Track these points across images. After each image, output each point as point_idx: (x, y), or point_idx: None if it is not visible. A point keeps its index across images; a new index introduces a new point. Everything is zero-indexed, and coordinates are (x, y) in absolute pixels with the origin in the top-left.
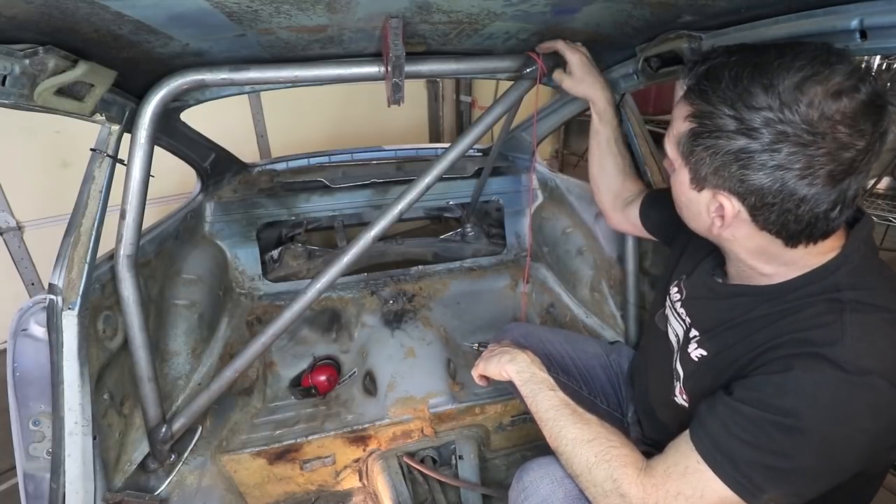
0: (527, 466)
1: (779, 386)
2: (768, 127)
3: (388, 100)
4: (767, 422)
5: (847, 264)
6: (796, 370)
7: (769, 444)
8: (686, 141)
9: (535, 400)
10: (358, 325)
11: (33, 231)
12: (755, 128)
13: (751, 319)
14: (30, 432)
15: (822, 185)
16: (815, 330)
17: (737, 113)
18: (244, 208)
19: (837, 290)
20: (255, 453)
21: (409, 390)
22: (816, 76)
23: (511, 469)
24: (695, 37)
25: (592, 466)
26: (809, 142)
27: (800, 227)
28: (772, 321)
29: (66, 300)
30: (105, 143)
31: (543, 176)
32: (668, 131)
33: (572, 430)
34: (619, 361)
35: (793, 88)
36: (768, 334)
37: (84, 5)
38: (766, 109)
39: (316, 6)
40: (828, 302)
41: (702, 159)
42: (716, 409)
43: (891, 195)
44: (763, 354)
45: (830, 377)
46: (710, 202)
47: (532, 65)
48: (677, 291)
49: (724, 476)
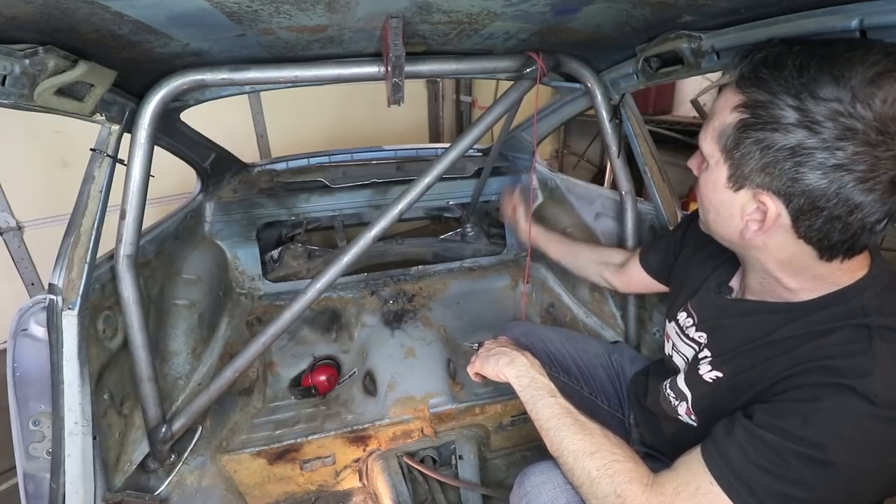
0: (528, 471)
1: (805, 416)
2: (834, 121)
3: (388, 100)
4: (790, 451)
5: (875, 285)
6: (824, 401)
7: (790, 474)
8: (733, 133)
9: (535, 407)
10: (358, 325)
11: (33, 231)
12: (818, 121)
13: (773, 342)
14: (30, 432)
15: (882, 192)
16: (844, 358)
17: (800, 103)
18: (244, 208)
19: (865, 315)
20: (255, 453)
21: (409, 390)
22: (893, 72)
23: (511, 469)
24: (695, 37)
25: (595, 480)
26: (878, 142)
27: (843, 238)
28: (796, 345)
29: (66, 300)
30: (105, 143)
31: (543, 176)
32: (705, 125)
33: (574, 441)
34: (621, 361)
35: (867, 83)
36: (792, 359)
37: (84, 5)
38: (836, 101)
39: (316, 6)
40: (856, 328)
41: (749, 154)
42: (734, 432)
43: None
44: (787, 380)
45: (860, 410)
46: (748, 204)
47: (532, 65)
48: (688, 317)
49: (738, 501)
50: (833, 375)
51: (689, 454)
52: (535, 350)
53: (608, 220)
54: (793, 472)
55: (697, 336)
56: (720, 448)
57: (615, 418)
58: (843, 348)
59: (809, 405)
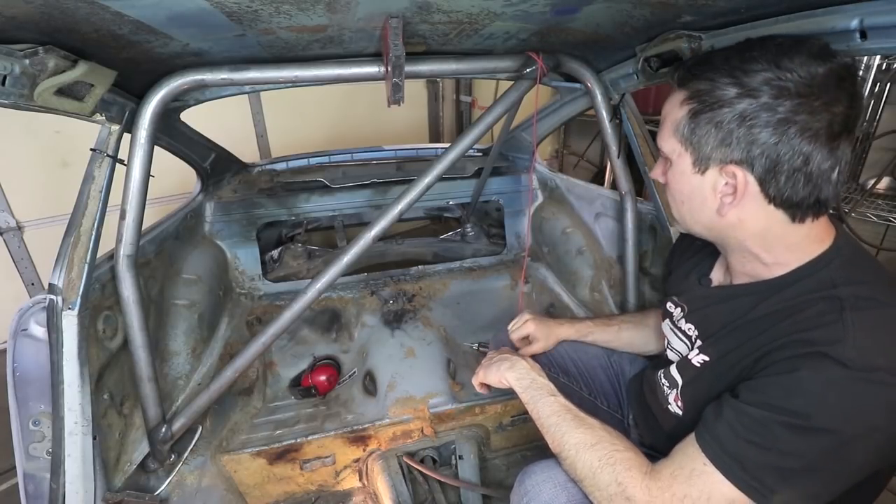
0: (529, 470)
1: (786, 388)
2: (768, 85)
3: (388, 100)
4: (776, 423)
5: (840, 256)
6: (802, 371)
7: (779, 445)
8: (686, 123)
9: (536, 406)
10: (358, 325)
11: (33, 231)
12: (755, 87)
13: (752, 321)
14: (30, 432)
15: (825, 138)
16: (818, 330)
17: (736, 80)
18: (244, 208)
19: (834, 287)
20: (255, 453)
21: (409, 390)
22: (797, 46)
23: (511, 469)
24: (695, 37)
25: (596, 470)
26: (808, 93)
27: (807, 193)
28: (773, 322)
29: (66, 300)
30: (105, 143)
31: (543, 176)
32: (660, 130)
33: (575, 434)
34: (620, 362)
35: (781, 54)
36: (771, 336)
37: (84, 5)
38: (764, 71)
39: (316, 6)
40: (827, 300)
41: (706, 135)
42: (722, 412)
43: (891, 195)
44: (767, 356)
45: (837, 375)
46: (717, 181)
47: (532, 65)
48: (678, 310)
49: (733, 478)
50: (807, 346)
51: (684, 442)
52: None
53: (608, 220)
54: (781, 442)
55: (688, 328)
56: (711, 429)
57: (614, 419)
58: (816, 320)
59: (789, 376)
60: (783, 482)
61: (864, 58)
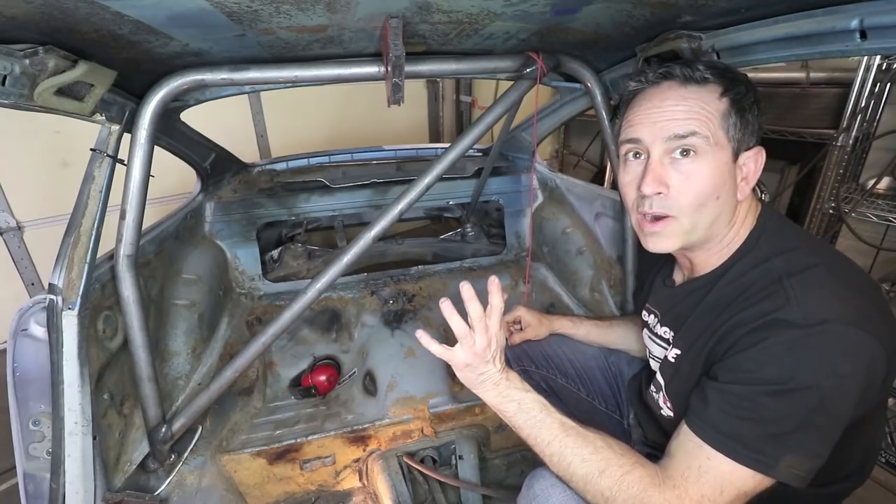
0: (537, 473)
1: (755, 360)
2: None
3: (388, 100)
4: (759, 393)
5: (766, 231)
6: (765, 340)
7: (768, 413)
8: (734, 113)
9: (531, 433)
10: (358, 325)
11: (33, 231)
12: (742, 80)
13: (708, 306)
14: (30, 432)
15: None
16: (765, 301)
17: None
18: (244, 208)
19: (768, 260)
20: (255, 453)
21: (409, 390)
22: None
23: (511, 469)
24: (695, 37)
25: (609, 500)
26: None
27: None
28: (726, 304)
29: (66, 300)
30: (105, 143)
31: (543, 176)
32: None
33: (581, 466)
34: (618, 363)
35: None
36: (726, 316)
37: (84, 5)
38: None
39: (316, 6)
40: (765, 272)
41: (745, 123)
42: (707, 396)
43: (891, 195)
44: (728, 335)
45: (794, 336)
46: (746, 163)
47: (532, 65)
48: (652, 316)
49: (737, 457)
50: (761, 317)
51: (679, 435)
52: (532, 352)
53: (608, 220)
54: (769, 410)
55: (663, 332)
56: (702, 416)
57: (612, 419)
58: (761, 294)
59: (755, 349)
60: (782, 447)
61: (865, 58)
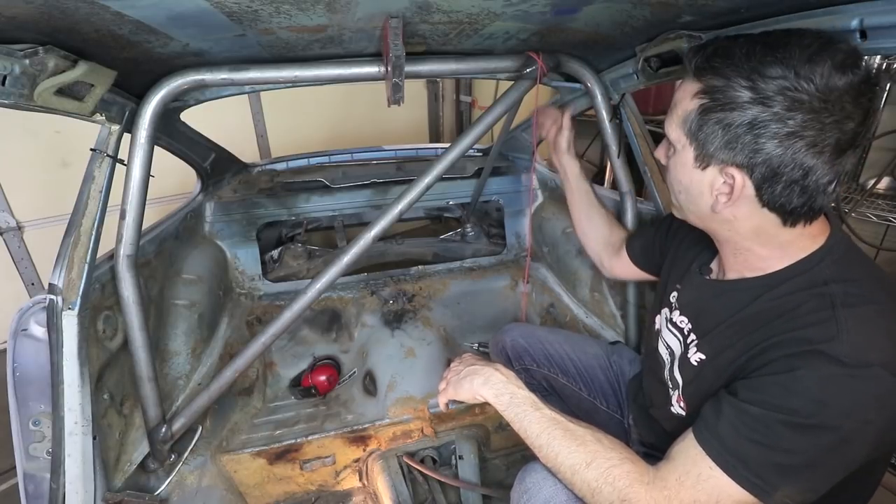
0: (529, 467)
1: (784, 386)
2: (783, 95)
3: (388, 100)
4: (777, 421)
5: (833, 254)
6: (800, 370)
7: (780, 443)
8: (696, 117)
9: (522, 425)
10: (358, 325)
11: (33, 231)
12: (769, 96)
13: (746, 318)
14: (30, 432)
15: (829, 154)
16: (812, 328)
17: (752, 83)
18: (244, 208)
19: (825, 284)
20: (255, 453)
21: (409, 390)
22: (822, 53)
23: (511, 469)
24: (695, 37)
25: (595, 490)
26: (821, 109)
27: (802, 202)
28: (767, 320)
29: (66, 300)
30: (105, 143)
31: (543, 176)
32: (669, 115)
33: (569, 456)
34: (620, 363)
35: (806, 61)
36: (765, 333)
37: (84, 5)
38: (782, 79)
39: (316, 6)
40: (819, 297)
41: (712, 134)
42: (722, 410)
43: (891, 195)
44: (762, 354)
45: (833, 373)
46: (716, 179)
47: (532, 65)
48: (674, 302)
49: (737, 478)
50: (804, 344)
51: (683, 441)
52: (533, 351)
53: None
54: (783, 440)
55: (680, 321)
56: (712, 429)
57: (614, 419)
58: (809, 318)
59: (787, 375)
60: (785, 478)
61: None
